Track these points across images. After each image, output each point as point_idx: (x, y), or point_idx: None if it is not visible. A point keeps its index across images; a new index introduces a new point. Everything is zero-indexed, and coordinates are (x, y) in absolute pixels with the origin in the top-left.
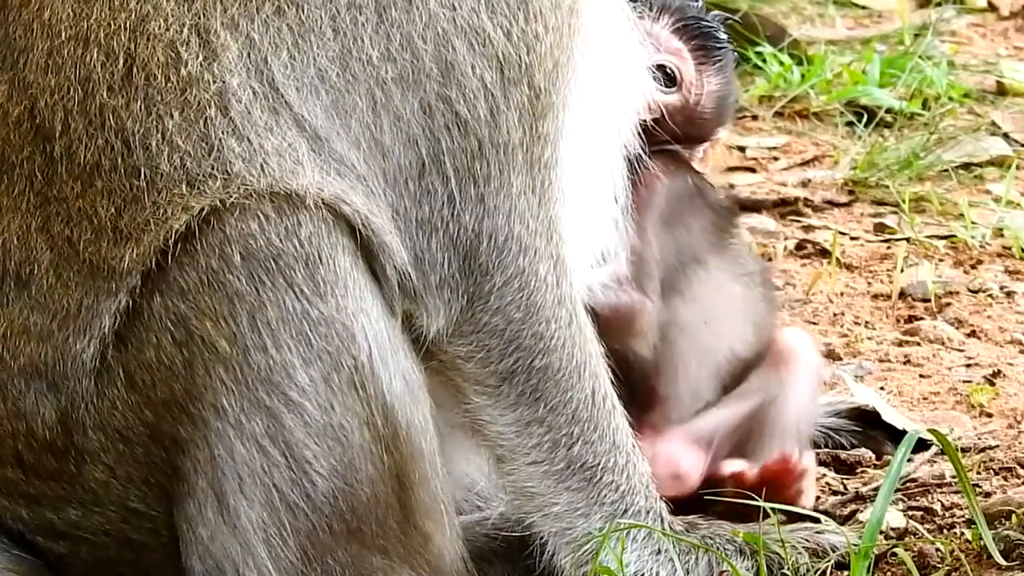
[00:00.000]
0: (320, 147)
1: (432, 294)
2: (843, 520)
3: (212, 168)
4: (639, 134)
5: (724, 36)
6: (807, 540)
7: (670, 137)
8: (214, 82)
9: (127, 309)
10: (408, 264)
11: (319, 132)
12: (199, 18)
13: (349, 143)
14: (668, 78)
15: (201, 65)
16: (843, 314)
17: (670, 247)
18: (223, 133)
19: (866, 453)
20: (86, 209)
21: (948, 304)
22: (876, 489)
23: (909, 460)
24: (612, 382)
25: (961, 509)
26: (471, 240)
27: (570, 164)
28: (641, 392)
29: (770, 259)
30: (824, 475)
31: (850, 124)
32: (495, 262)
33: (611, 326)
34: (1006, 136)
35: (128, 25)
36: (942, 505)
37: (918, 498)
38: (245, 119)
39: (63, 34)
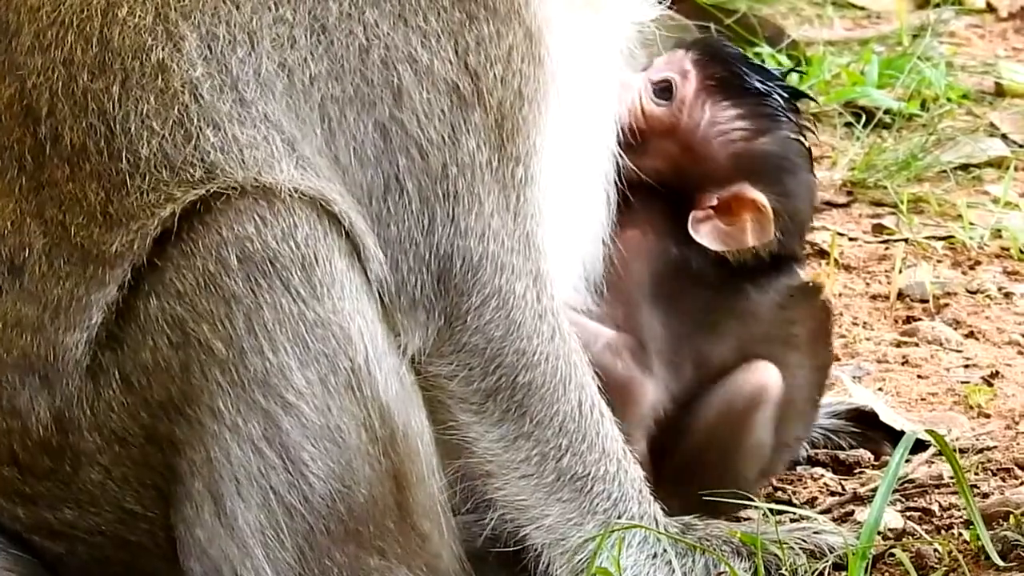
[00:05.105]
0: (294, 144)
1: (406, 314)
2: (841, 520)
3: (191, 156)
4: (625, 165)
5: (760, 85)
6: (805, 541)
7: (662, 168)
8: (180, 70)
9: (118, 306)
10: (382, 277)
11: (285, 130)
12: (160, 6)
13: (312, 150)
14: (664, 92)
15: (167, 53)
16: (841, 315)
17: (658, 321)
18: (199, 120)
19: (864, 454)
20: (76, 193)
21: (946, 305)
22: (874, 490)
23: (907, 461)
24: (600, 389)
25: (959, 510)
26: (443, 261)
27: (547, 181)
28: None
29: None
30: (822, 476)
31: (848, 125)
32: (471, 282)
33: (608, 395)
34: (1004, 137)
35: (99, 10)
36: (940, 506)
37: (916, 499)
38: (215, 109)
39: (45, 17)
